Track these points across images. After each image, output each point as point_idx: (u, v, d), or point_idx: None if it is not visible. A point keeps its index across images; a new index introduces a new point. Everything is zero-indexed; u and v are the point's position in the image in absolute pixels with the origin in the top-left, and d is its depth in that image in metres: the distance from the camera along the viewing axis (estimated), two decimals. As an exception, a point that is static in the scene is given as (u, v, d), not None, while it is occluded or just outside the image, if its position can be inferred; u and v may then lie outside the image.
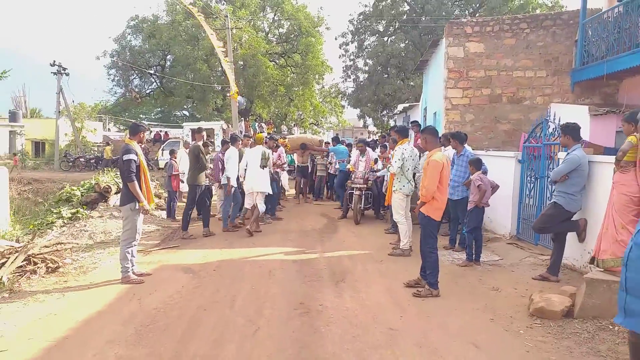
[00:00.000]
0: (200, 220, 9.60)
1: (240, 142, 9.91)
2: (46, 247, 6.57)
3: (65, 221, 9.47)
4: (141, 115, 43.19)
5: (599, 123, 9.01)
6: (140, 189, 5.80)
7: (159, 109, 45.02)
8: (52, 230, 8.86)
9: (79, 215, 9.69)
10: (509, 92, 11.07)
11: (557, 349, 3.98)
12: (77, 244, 7.71)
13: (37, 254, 6.26)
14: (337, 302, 5.12)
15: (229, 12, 26.03)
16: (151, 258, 7.17)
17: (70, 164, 27.33)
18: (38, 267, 6.14)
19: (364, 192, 9.94)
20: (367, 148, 10.55)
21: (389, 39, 29.28)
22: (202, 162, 8.64)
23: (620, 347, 3.92)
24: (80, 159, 27.58)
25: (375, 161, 10.13)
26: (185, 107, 38.79)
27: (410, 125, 11.74)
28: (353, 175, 10.17)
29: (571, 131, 5.72)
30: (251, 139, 10.09)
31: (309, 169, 14.00)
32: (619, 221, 4.80)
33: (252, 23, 31.98)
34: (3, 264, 5.90)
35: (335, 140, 13.84)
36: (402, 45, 28.51)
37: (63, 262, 6.56)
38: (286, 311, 4.84)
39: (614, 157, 4.93)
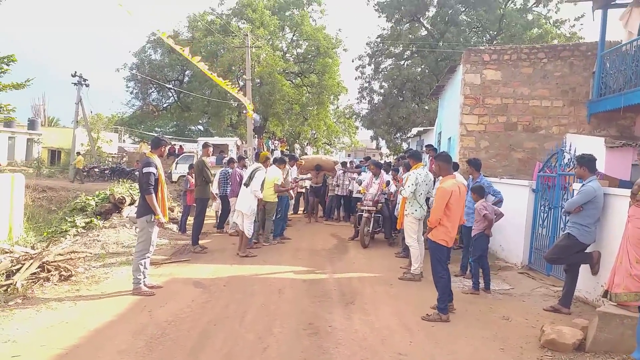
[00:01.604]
0: (218, 234, 9.68)
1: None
2: (60, 255, 6.66)
3: (79, 230, 9.61)
4: (157, 129, 43.67)
5: (615, 155, 8.97)
6: (157, 202, 5.88)
7: (175, 123, 45.48)
8: (66, 238, 8.97)
9: (92, 224, 9.82)
10: (525, 121, 11.09)
11: (568, 383, 3.93)
12: (90, 253, 7.80)
13: (52, 262, 6.35)
14: (346, 323, 5.11)
15: (248, 31, 26.44)
16: (162, 271, 7.22)
17: (85, 173, 27.67)
18: (52, 275, 6.22)
19: (373, 214, 9.77)
20: (381, 171, 10.37)
21: (406, 63, 29.51)
22: (207, 175, 8.86)
23: (632, 383, 3.86)
24: (95, 169, 27.91)
25: (388, 184, 10.01)
26: (200, 122, 39.21)
27: (424, 149, 11.78)
28: (363, 197, 10.07)
29: (587, 163, 5.72)
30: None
31: (322, 190, 14.03)
32: (634, 255, 4.76)
33: (270, 42, 32.44)
34: (18, 269, 5.99)
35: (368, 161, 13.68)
36: (419, 69, 28.71)
37: (76, 271, 6.64)
38: (295, 330, 4.85)
39: (630, 190, 4.92)
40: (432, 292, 5.51)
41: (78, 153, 28.35)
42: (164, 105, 37.94)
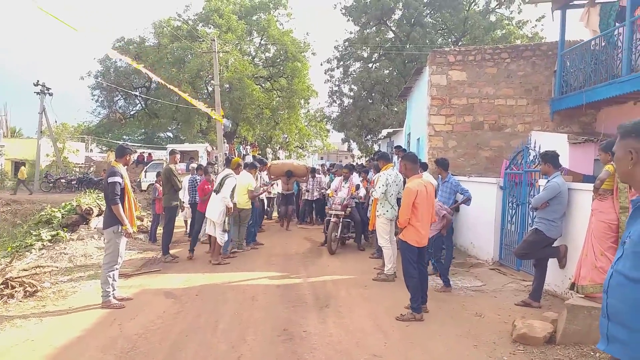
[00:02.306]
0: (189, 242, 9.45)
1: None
2: (25, 270, 6.44)
3: (45, 244, 9.30)
4: (125, 137, 42.83)
5: (578, 151, 9.21)
6: (124, 212, 5.75)
7: (143, 130, 44.75)
8: (31, 253, 8.67)
9: (59, 237, 9.53)
10: (491, 120, 11.30)
11: (540, 376, 4.00)
12: (57, 267, 7.56)
13: (15, 278, 6.13)
14: (320, 327, 5.09)
15: (215, 36, 26.24)
16: (132, 282, 7.05)
17: (51, 184, 26.94)
18: (16, 291, 6.00)
19: (342, 219, 9.34)
20: (351, 174, 10.06)
21: (374, 66, 29.77)
22: (175, 183, 8.73)
23: (601, 373, 3.95)
24: (62, 180, 27.21)
25: (357, 187, 9.66)
26: (169, 128, 38.70)
27: (393, 150, 11.85)
28: (331, 201, 9.70)
29: (551, 159, 5.86)
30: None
31: (294, 196, 13.67)
32: (598, 248, 4.89)
33: (239, 47, 32.27)
34: (-21, 287, 5.76)
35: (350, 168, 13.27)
36: (387, 72, 29.00)
37: (42, 286, 6.44)
38: (269, 337, 4.80)
39: (593, 184, 5.05)
40: (405, 293, 5.53)
41: (23, 164, 27.69)
42: (131, 113, 37.33)
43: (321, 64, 36.49)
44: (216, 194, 8.31)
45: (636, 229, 1.89)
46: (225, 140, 27.79)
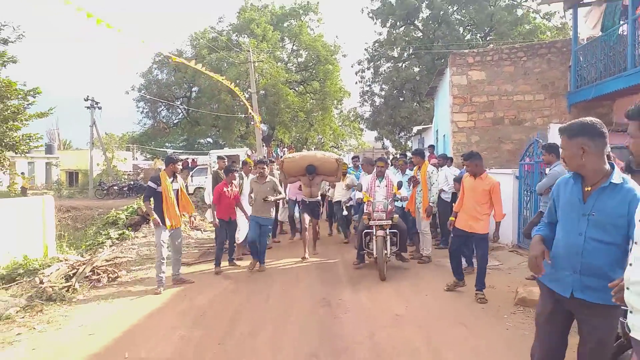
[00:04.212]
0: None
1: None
2: (106, 260, 7.75)
3: (114, 241, 10.71)
4: (167, 144, 44.82)
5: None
6: (163, 211, 6.82)
7: (185, 137, 46.52)
8: (103, 249, 10.07)
9: (125, 235, 10.92)
10: (511, 115, 12.06)
11: (532, 327, 4.90)
12: (131, 257, 8.88)
13: (100, 266, 7.44)
14: (353, 297, 6.14)
15: (252, 46, 27.62)
16: (194, 269, 8.28)
17: (105, 192, 28.92)
18: (101, 277, 7.30)
19: (388, 231, 7.19)
20: (386, 170, 8.01)
21: (403, 65, 30.51)
22: None
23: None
24: (114, 187, 29.17)
25: (400, 186, 7.69)
26: (209, 134, 40.36)
27: (427, 147, 12.72)
28: (368, 207, 7.46)
29: (553, 150, 6.69)
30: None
31: (320, 205, 9.71)
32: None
33: (272, 54, 33.64)
34: (74, 274, 7.08)
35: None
36: (417, 70, 29.69)
37: (120, 273, 7.72)
38: (312, 304, 5.88)
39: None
40: (425, 271, 6.50)
41: (22, 173, 29.91)
42: (174, 122, 39.25)
43: (352, 66, 37.42)
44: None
45: (606, 205, 2.63)
46: (264, 144, 29.14)
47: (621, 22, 9.78)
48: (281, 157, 12.66)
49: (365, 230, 7.39)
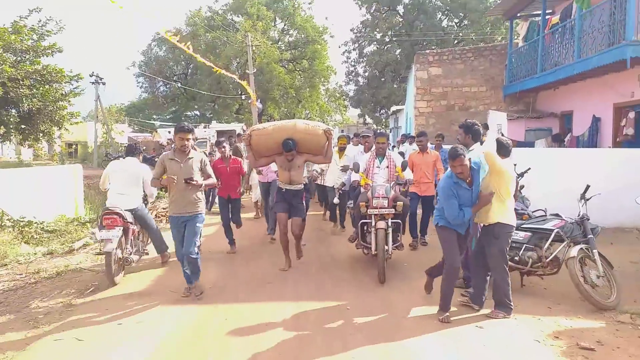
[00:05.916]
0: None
1: None
2: (164, 208, 10.96)
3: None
4: (154, 116, 45.58)
5: (514, 125, 13.27)
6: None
7: (173, 109, 44.44)
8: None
9: (159, 195, 14.06)
10: (460, 103, 15.37)
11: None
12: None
13: (160, 213, 10.66)
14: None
15: (248, 27, 30.10)
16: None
17: (111, 161, 31.54)
18: (161, 220, 10.51)
19: (391, 222, 6.00)
20: (388, 150, 6.91)
21: (385, 47, 33.47)
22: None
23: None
24: (120, 157, 31.86)
25: (404, 167, 6.58)
26: (206, 109, 42.53)
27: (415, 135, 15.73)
28: (369, 191, 6.19)
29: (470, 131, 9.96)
30: None
31: (303, 196, 6.73)
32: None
33: (266, 34, 36.22)
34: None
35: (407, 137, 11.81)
36: (397, 52, 32.72)
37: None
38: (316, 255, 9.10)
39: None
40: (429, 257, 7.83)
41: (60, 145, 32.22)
42: (172, 97, 41.80)
43: (339, 47, 40.09)
44: None
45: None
46: (257, 119, 32.06)
47: (536, 37, 13.04)
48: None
49: (363, 221, 6.17)
